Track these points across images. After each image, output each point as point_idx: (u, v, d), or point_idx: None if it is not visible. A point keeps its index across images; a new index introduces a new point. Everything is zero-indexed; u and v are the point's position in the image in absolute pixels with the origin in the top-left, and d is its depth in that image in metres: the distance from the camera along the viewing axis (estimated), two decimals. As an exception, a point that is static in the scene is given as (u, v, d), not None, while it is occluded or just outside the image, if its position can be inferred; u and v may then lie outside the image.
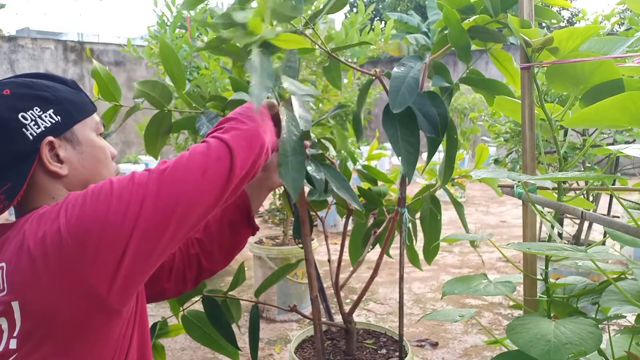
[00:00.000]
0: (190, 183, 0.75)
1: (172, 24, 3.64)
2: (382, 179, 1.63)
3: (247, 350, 1.37)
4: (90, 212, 0.71)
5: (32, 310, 0.70)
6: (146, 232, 0.72)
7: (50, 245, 0.70)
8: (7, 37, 9.55)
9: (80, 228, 0.70)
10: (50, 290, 0.70)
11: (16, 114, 0.78)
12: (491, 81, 1.26)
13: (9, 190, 0.78)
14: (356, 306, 1.47)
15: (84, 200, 0.72)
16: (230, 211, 1.11)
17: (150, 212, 0.72)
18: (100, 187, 0.74)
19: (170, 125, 1.30)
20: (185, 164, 0.77)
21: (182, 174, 0.75)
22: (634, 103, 0.69)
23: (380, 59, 12.13)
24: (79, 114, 0.85)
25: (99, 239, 0.70)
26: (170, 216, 0.74)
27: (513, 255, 4.12)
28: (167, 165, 0.77)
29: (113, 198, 0.72)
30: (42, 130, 0.79)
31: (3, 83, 0.82)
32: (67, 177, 0.82)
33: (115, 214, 0.71)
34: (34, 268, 0.70)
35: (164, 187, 0.74)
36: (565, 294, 1.02)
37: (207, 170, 0.77)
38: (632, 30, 2.01)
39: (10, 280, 0.72)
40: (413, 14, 1.45)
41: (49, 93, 0.82)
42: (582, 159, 2.83)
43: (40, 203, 0.80)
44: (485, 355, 2.55)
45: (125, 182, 0.74)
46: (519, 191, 1.01)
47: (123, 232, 0.71)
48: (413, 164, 1.13)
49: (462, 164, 8.31)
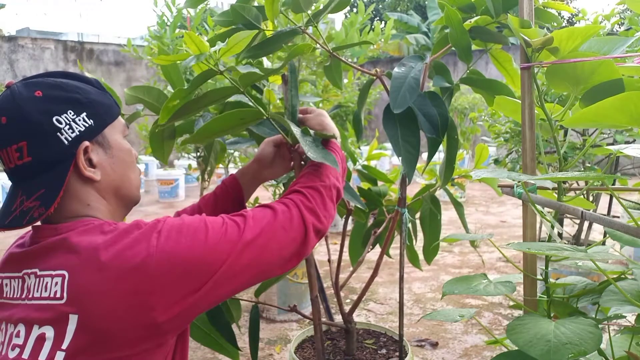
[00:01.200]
0: (272, 254, 0.83)
1: (172, 24, 3.64)
2: (382, 179, 1.63)
3: (247, 350, 1.37)
4: (183, 248, 0.73)
5: (91, 327, 0.69)
6: (222, 279, 0.76)
7: (131, 266, 0.70)
8: (7, 37, 9.56)
9: (171, 260, 0.71)
10: (115, 311, 0.69)
11: (50, 117, 0.75)
12: (491, 81, 1.26)
13: (43, 196, 0.75)
14: (356, 306, 1.47)
15: (179, 234, 0.74)
16: (226, 205, 1.14)
17: (230, 267, 0.77)
18: (197, 226, 0.76)
19: (174, 129, 1.31)
20: (269, 236, 0.83)
21: (266, 242, 0.82)
22: (634, 103, 0.69)
23: (380, 59, 12.13)
24: (109, 117, 0.83)
25: (180, 275, 0.72)
26: (249, 279, 0.81)
27: (513, 255, 4.12)
28: (255, 232, 0.81)
29: (207, 244, 0.75)
30: (76, 134, 0.77)
31: (33, 83, 0.78)
32: (99, 182, 0.81)
33: (201, 259, 0.74)
34: (104, 286, 0.69)
35: (248, 252, 0.79)
36: (565, 294, 1.02)
37: (284, 248, 0.85)
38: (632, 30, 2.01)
39: (72, 291, 0.70)
40: (413, 14, 1.45)
41: (81, 95, 0.79)
42: (582, 159, 2.83)
43: (75, 209, 0.79)
44: (485, 355, 2.55)
45: (217, 229, 0.78)
46: (519, 191, 1.01)
47: (203, 276, 0.74)
48: (413, 164, 1.13)
49: (462, 164, 8.31)
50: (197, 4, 1.18)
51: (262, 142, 1.17)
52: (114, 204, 0.84)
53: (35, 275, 0.75)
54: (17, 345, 0.73)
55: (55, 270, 0.72)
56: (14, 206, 0.76)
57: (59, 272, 0.72)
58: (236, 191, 1.15)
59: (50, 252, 0.74)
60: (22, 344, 0.72)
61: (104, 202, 0.82)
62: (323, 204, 0.92)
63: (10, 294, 0.78)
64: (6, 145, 0.75)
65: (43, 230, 0.78)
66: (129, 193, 0.86)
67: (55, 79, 0.80)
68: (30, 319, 0.73)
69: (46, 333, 0.70)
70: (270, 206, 0.87)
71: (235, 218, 0.81)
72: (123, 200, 0.86)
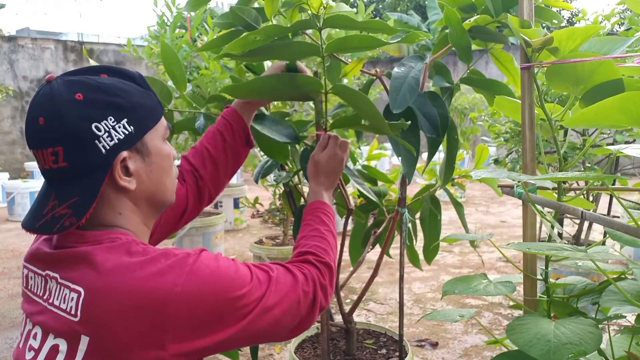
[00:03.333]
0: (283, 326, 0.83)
1: (172, 24, 3.64)
2: (382, 179, 1.63)
3: (247, 350, 1.38)
4: (207, 297, 0.72)
5: (100, 352, 0.68)
6: (234, 336, 0.75)
7: (151, 301, 0.68)
8: (7, 37, 9.55)
9: (192, 305, 0.70)
10: (125, 342, 0.68)
11: (89, 123, 0.72)
12: (491, 81, 1.26)
13: (76, 205, 0.73)
14: (356, 306, 1.47)
15: (209, 278, 0.73)
16: (232, 140, 1.15)
17: (244, 329, 0.76)
18: (226, 274, 0.75)
19: (172, 125, 1.31)
20: (286, 308, 0.82)
21: (282, 315, 0.81)
22: (634, 103, 0.69)
23: (380, 59, 12.13)
24: (151, 121, 0.79)
25: (197, 324, 0.71)
26: (254, 341, 0.80)
27: (513, 255, 4.11)
28: (276, 299, 0.80)
29: (230, 299, 0.74)
30: (115, 142, 0.74)
31: (74, 83, 0.73)
32: (133, 191, 0.78)
33: (221, 313, 0.73)
34: (119, 314, 0.68)
35: (263, 319, 0.78)
36: (565, 294, 1.02)
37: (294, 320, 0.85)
38: (632, 30, 2.01)
39: (86, 312, 0.69)
40: (413, 14, 1.45)
41: (123, 99, 0.75)
42: (582, 159, 2.83)
43: (106, 218, 0.77)
44: (485, 355, 2.55)
45: (246, 284, 0.76)
46: (519, 191, 1.01)
47: (218, 328, 0.73)
48: (413, 164, 1.13)
49: (462, 164, 8.31)
50: (198, 7, 1.18)
51: (270, 67, 1.20)
52: (146, 210, 0.82)
53: (56, 281, 0.74)
54: (33, 348, 0.73)
55: (73, 283, 0.71)
56: (45, 209, 0.73)
57: (76, 288, 0.70)
58: (239, 123, 1.15)
59: (72, 262, 0.73)
60: (38, 348, 0.73)
61: (136, 209, 0.80)
62: (331, 282, 0.93)
63: (34, 289, 0.78)
64: (42, 146, 0.72)
65: (70, 234, 0.75)
66: (162, 199, 0.84)
67: (97, 77, 0.76)
68: (47, 326, 0.73)
69: (60, 345, 0.70)
70: (293, 272, 0.86)
71: (262, 276, 0.80)
72: (156, 206, 0.84)
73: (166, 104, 1.26)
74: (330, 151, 1.10)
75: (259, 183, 1.61)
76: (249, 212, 6.02)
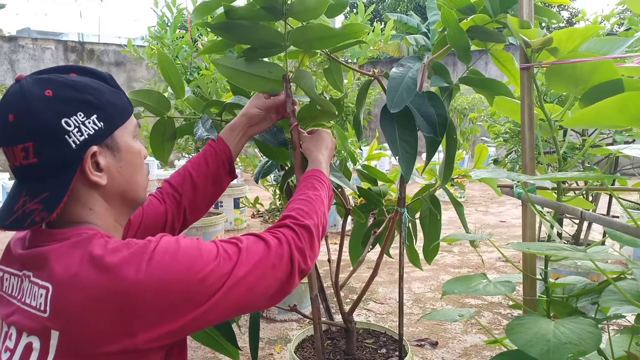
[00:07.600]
0: (259, 293, 0.82)
1: (172, 25, 3.64)
2: (382, 179, 1.63)
3: (247, 350, 1.37)
4: (173, 279, 0.71)
5: (71, 346, 0.68)
6: (207, 312, 0.74)
7: (117, 289, 0.68)
8: (7, 37, 9.56)
9: (159, 289, 0.70)
10: (96, 331, 0.68)
11: (59, 119, 0.72)
12: (491, 81, 1.26)
13: (46, 200, 0.73)
14: (356, 306, 1.47)
15: (172, 260, 0.72)
16: (215, 168, 1.15)
17: (217, 303, 0.75)
18: (191, 254, 0.74)
19: (174, 131, 1.31)
20: (259, 274, 0.81)
21: (255, 282, 0.80)
22: (634, 103, 0.69)
23: (380, 60, 12.14)
24: (120, 119, 0.81)
25: (166, 306, 0.70)
26: (232, 313, 0.80)
27: (512, 255, 4.12)
28: (247, 267, 0.79)
29: (198, 277, 0.73)
30: (85, 137, 0.74)
31: (44, 80, 0.75)
32: (104, 187, 0.79)
33: (190, 292, 0.72)
34: (87, 306, 0.68)
35: (236, 289, 0.77)
36: (564, 294, 1.02)
37: (271, 287, 0.84)
38: (632, 31, 2.01)
39: (54, 306, 0.69)
40: (413, 14, 1.45)
41: (93, 96, 0.76)
42: (582, 159, 2.83)
43: (76, 214, 0.78)
44: (484, 355, 2.55)
45: (211, 260, 0.75)
46: (519, 191, 1.01)
47: (189, 308, 0.72)
48: (411, 164, 1.13)
49: (462, 164, 8.31)
50: (205, 14, 1.18)
51: (251, 98, 1.21)
52: (118, 207, 0.83)
53: (29, 280, 0.74)
54: (8, 348, 0.73)
55: (42, 280, 0.72)
56: (16, 206, 0.74)
57: (45, 284, 0.71)
58: (225, 152, 1.16)
59: (41, 260, 0.73)
60: (13, 348, 0.73)
61: (107, 206, 0.80)
62: (311, 244, 0.92)
63: (9, 290, 0.78)
64: (12, 143, 0.73)
65: (40, 234, 0.77)
66: (134, 196, 0.85)
67: (67, 76, 0.77)
68: (21, 325, 0.73)
69: (33, 343, 0.70)
70: (264, 239, 0.85)
71: (229, 249, 0.79)
72: (128, 203, 0.84)
73: (164, 111, 1.27)
74: (323, 132, 1.18)
75: (259, 183, 1.62)
76: (249, 211, 6.03)
